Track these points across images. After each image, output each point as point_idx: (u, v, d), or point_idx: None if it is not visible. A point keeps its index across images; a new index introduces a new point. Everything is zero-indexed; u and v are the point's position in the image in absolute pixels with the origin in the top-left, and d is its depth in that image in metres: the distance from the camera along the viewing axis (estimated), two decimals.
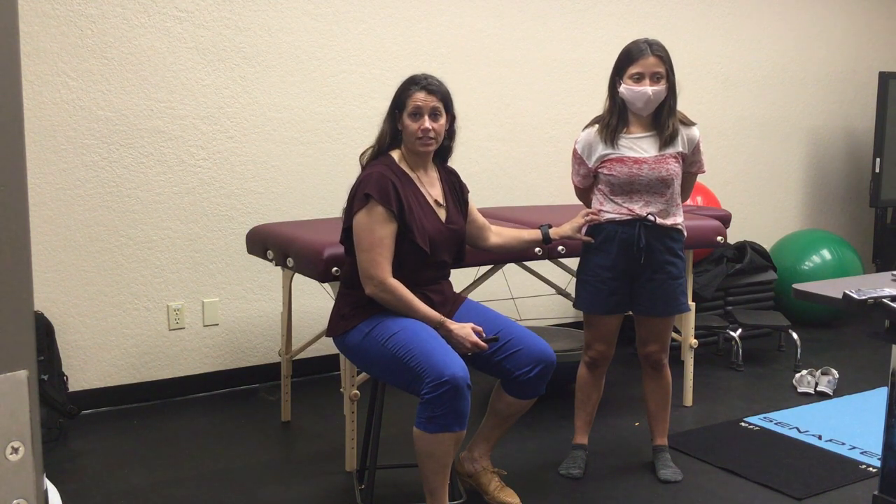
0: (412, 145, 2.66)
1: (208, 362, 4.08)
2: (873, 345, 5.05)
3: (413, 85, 2.64)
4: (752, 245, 5.19)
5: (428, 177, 2.75)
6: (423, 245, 2.61)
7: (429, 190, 2.72)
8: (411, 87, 2.63)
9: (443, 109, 2.66)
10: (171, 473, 3.16)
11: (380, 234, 2.56)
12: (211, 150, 3.96)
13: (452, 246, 2.77)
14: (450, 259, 2.79)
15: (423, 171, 2.73)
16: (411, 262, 2.63)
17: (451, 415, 2.43)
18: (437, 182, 2.78)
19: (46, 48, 3.57)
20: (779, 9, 5.81)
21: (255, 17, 4.00)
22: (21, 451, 0.86)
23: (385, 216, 2.56)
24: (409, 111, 2.62)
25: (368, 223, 2.56)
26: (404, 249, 2.61)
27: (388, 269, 2.57)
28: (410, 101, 2.61)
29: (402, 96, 2.64)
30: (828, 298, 2.38)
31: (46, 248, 3.66)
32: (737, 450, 3.38)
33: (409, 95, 2.62)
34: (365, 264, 2.58)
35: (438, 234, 2.68)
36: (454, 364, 2.41)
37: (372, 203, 2.56)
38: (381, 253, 2.56)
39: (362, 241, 2.57)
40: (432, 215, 2.68)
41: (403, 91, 2.65)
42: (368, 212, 2.57)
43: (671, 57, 2.93)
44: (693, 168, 3.07)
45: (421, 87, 2.62)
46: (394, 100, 2.68)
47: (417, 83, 2.64)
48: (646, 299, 3.03)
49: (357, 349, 2.63)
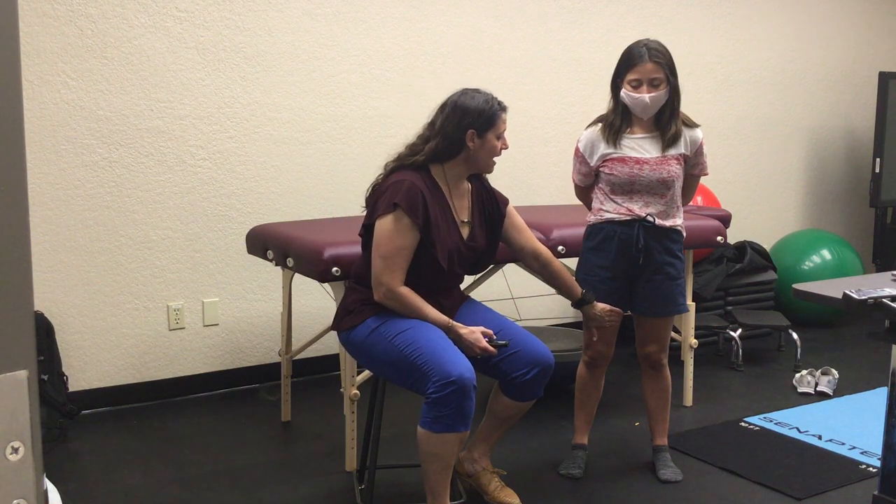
0: (487, 165, 2.70)
1: (208, 362, 4.08)
2: (873, 345, 5.05)
3: (502, 109, 2.67)
4: (752, 245, 5.19)
5: (459, 191, 2.74)
6: (443, 262, 2.61)
7: (457, 205, 2.72)
8: (499, 111, 2.66)
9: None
10: (171, 473, 3.16)
11: (399, 244, 2.55)
12: (211, 150, 3.96)
13: (470, 261, 2.78)
14: (465, 271, 2.81)
15: (456, 185, 2.73)
16: (428, 274, 2.64)
17: (457, 415, 2.43)
18: (467, 197, 2.77)
19: (46, 48, 3.57)
20: (779, 9, 5.81)
21: (255, 17, 4.00)
22: (21, 451, 0.86)
23: (409, 227, 2.55)
24: (499, 132, 2.66)
25: (390, 231, 2.55)
26: (423, 262, 2.60)
27: (401, 278, 2.57)
28: (501, 124, 2.66)
29: (493, 118, 2.64)
30: (828, 298, 2.38)
31: (46, 248, 3.66)
32: (737, 450, 3.38)
33: (498, 117, 2.65)
34: (378, 269, 2.57)
35: (457, 250, 2.68)
36: (461, 364, 2.41)
37: (399, 212, 2.54)
38: (397, 263, 2.55)
39: (381, 247, 2.56)
40: (455, 232, 2.68)
41: (494, 113, 2.64)
42: (394, 220, 2.55)
43: (672, 58, 2.91)
44: (695, 170, 3.06)
45: (505, 109, 2.69)
46: (478, 118, 2.63)
47: (502, 106, 2.67)
48: (645, 300, 3.03)
49: (362, 345, 2.63)
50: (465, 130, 2.61)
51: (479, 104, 2.63)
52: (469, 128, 2.61)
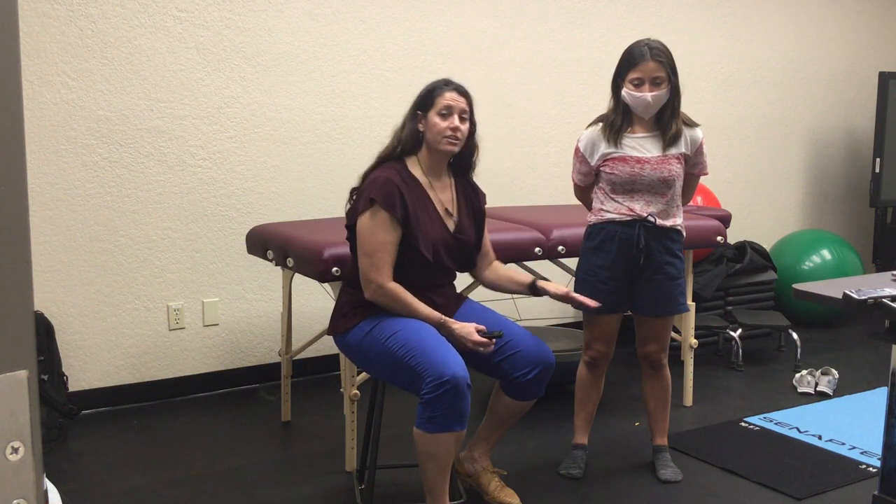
0: (437, 144, 2.64)
1: (208, 362, 4.08)
2: (873, 345, 5.05)
3: (444, 85, 2.66)
4: (752, 245, 5.19)
5: (440, 183, 2.74)
6: (427, 253, 2.61)
7: (440, 197, 2.71)
8: (442, 87, 2.65)
9: (469, 114, 2.68)
10: (171, 473, 3.16)
11: (382, 240, 2.56)
12: (211, 150, 3.96)
13: (459, 254, 2.77)
14: (456, 266, 2.78)
15: (436, 177, 2.72)
16: (415, 268, 2.63)
17: (452, 415, 2.42)
18: (450, 190, 2.77)
19: (46, 48, 3.57)
20: (779, 9, 5.81)
21: (255, 17, 4.00)
22: (21, 451, 0.86)
23: (388, 221, 2.56)
24: (439, 109, 2.62)
25: (371, 227, 2.57)
26: (408, 255, 2.61)
27: (388, 273, 2.57)
28: (441, 100, 2.63)
29: (431, 95, 2.65)
30: (828, 298, 2.38)
31: (46, 248, 3.66)
32: (737, 450, 3.38)
33: (439, 94, 2.64)
34: (365, 268, 2.58)
35: (444, 242, 2.68)
36: (454, 364, 2.41)
37: (376, 207, 2.56)
38: (382, 258, 2.56)
39: (364, 245, 2.58)
40: (439, 223, 2.68)
41: (432, 91, 2.66)
42: (372, 216, 2.57)
43: (673, 58, 2.92)
44: (695, 170, 3.06)
45: (452, 88, 2.65)
46: (418, 100, 2.68)
47: (448, 84, 2.66)
48: (645, 299, 3.03)
49: (358, 348, 2.63)
50: (416, 116, 2.67)
51: (424, 88, 2.68)
52: (416, 111, 2.67)
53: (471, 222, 2.79)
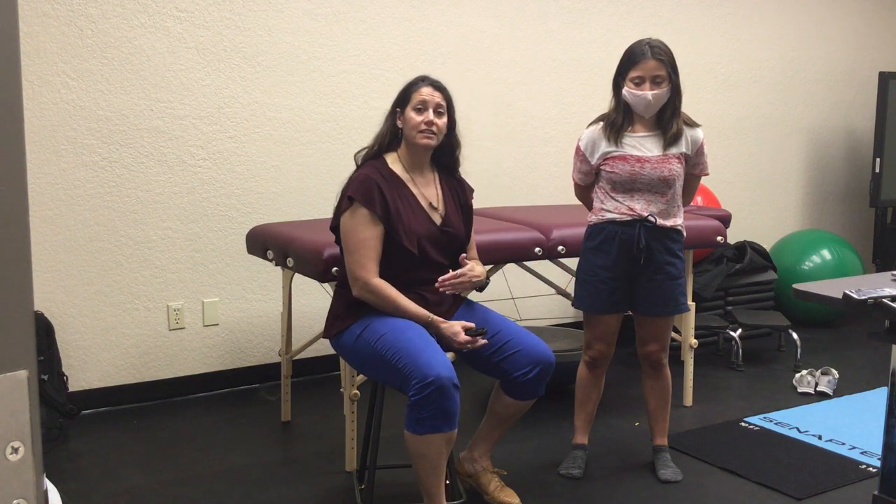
0: (413, 138, 2.66)
1: (208, 362, 4.08)
2: (873, 345, 5.05)
3: (420, 81, 2.69)
4: (752, 245, 5.19)
5: (423, 178, 2.74)
6: (411, 247, 2.61)
7: (423, 192, 2.72)
8: (418, 83, 2.68)
9: (446, 109, 2.69)
10: (171, 473, 3.16)
11: (363, 236, 2.57)
12: (211, 150, 3.96)
13: (448, 248, 2.75)
14: (446, 261, 2.77)
15: (418, 172, 2.73)
16: (402, 264, 2.63)
17: (439, 415, 2.42)
18: (434, 184, 2.77)
19: (46, 48, 3.57)
20: (779, 9, 5.81)
21: (255, 17, 4.00)
22: (21, 451, 0.86)
23: (369, 218, 2.58)
24: (414, 104, 2.65)
25: (352, 225, 2.59)
26: (393, 251, 2.62)
27: (373, 270, 2.58)
28: (416, 95, 2.65)
29: (408, 92, 2.68)
30: (828, 298, 2.38)
31: (46, 248, 3.66)
32: (737, 450, 3.38)
33: (415, 90, 2.66)
34: (350, 266, 2.60)
35: (429, 235, 2.68)
36: (439, 364, 2.40)
37: (355, 205, 2.58)
38: (366, 254, 2.57)
39: (348, 243, 2.60)
40: (423, 217, 2.68)
41: (409, 87, 2.69)
42: (352, 214, 2.59)
43: (674, 57, 2.92)
44: (696, 170, 3.06)
45: (428, 83, 2.68)
46: (397, 98, 2.71)
47: (424, 80, 2.69)
48: (645, 299, 3.03)
49: (351, 350, 2.64)
50: (395, 113, 2.70)
51: (403, 86, 2.71)
52: (395, 108, 2.70)
53: (459, 216, 2.80)
